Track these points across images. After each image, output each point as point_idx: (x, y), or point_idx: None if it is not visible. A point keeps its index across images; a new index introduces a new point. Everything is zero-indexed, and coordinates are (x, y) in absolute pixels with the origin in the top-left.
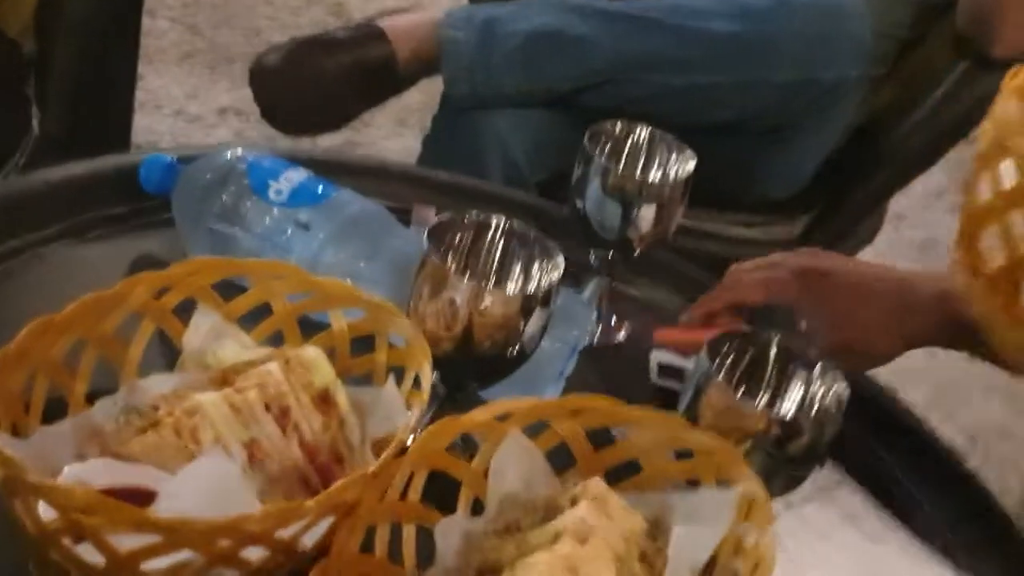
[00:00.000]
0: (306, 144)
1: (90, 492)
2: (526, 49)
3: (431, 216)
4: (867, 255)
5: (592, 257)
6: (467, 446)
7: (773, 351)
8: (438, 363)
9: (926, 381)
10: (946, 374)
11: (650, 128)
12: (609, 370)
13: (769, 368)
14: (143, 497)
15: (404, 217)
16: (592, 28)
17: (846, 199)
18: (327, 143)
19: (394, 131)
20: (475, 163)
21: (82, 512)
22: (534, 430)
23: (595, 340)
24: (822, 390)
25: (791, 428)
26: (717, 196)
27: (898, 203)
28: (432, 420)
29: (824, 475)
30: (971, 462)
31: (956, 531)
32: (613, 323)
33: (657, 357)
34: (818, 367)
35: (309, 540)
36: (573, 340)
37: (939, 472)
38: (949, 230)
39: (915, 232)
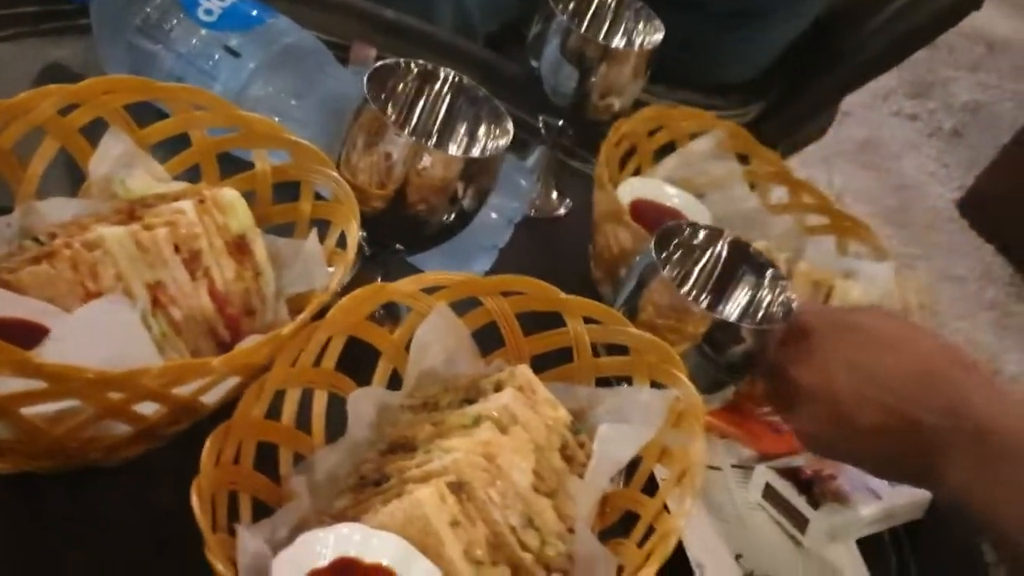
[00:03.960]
0: None
1: None
2: None
3: (371, 57)
4: (812, 150)
5: (540, 123)
6: (389, 315)
7: (724, 247)
8: (365, 221)
9: None
10: None
11: None
12: (545, 246)
13: (717, 266)
14: (31, 332)
15: (341, 55)
16: None
17: (801, 92)
18: None
19: None
20: (424, 4)
21: None
22: (463, 307)
23: (533, 212)
24: (770, 296)
25: (733, 334)
26: (671, 72)
27: (844, 101)
28: (352, 282)
29: None
30: None
31: None
32: (555, 196)
33: (764, 476)
34: (769, 271)
35: (211, 398)
36: (512, 212)
37: None
38: (892, 132)
39: (858, 130)
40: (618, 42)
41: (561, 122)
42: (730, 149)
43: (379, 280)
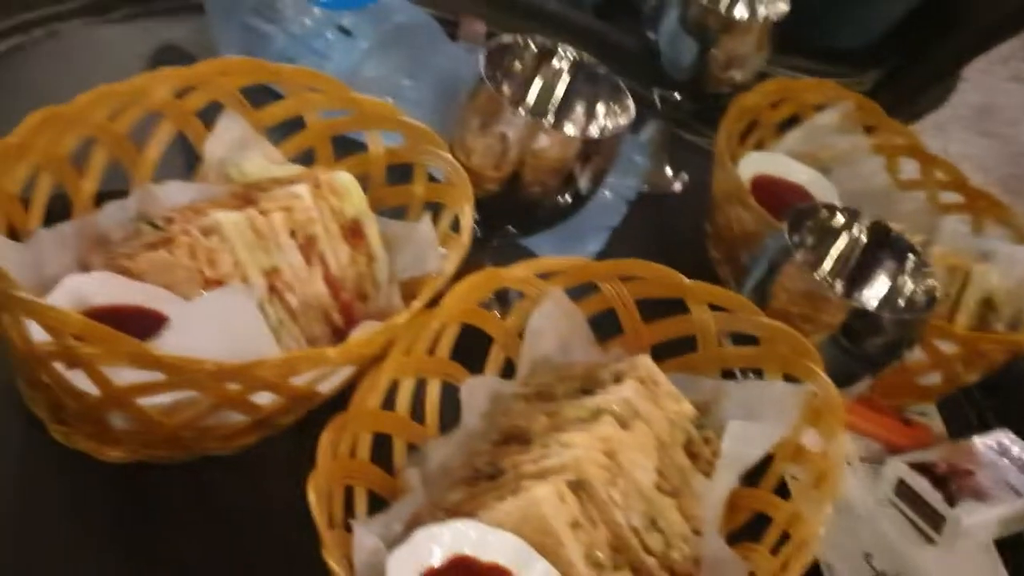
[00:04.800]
0: None
1: (86, 319)
2: None
3: (480, 32)
4: (933, 120)
5: (655, 96)
6: (497, 300)
7: (862, 230)
8: (478, 203)
9: None
10: None
11: None
12: (658, 224)
13: (855, 250)
14: (149, 320)
15: (450, 31)
16: None
17: (920, 60)
18: None
19: None
20: None
21: (77, 339)
22: (578, 292)
23: (646, 188)
24: (912, 283)
25: (873, 324)
26: (783, 38)
27: None
28: (462, 265)
29: None
30: None
31: None
32: (669, 171)
33: (897, 471)
34: (911, 257)
35: (325, 387)
36: (627, 191)
37: None
38: (1010, 98)
39: (975, 96)
40: (741, 12)
41: (678, 95)
42: (857, 122)
43: (488, 264)
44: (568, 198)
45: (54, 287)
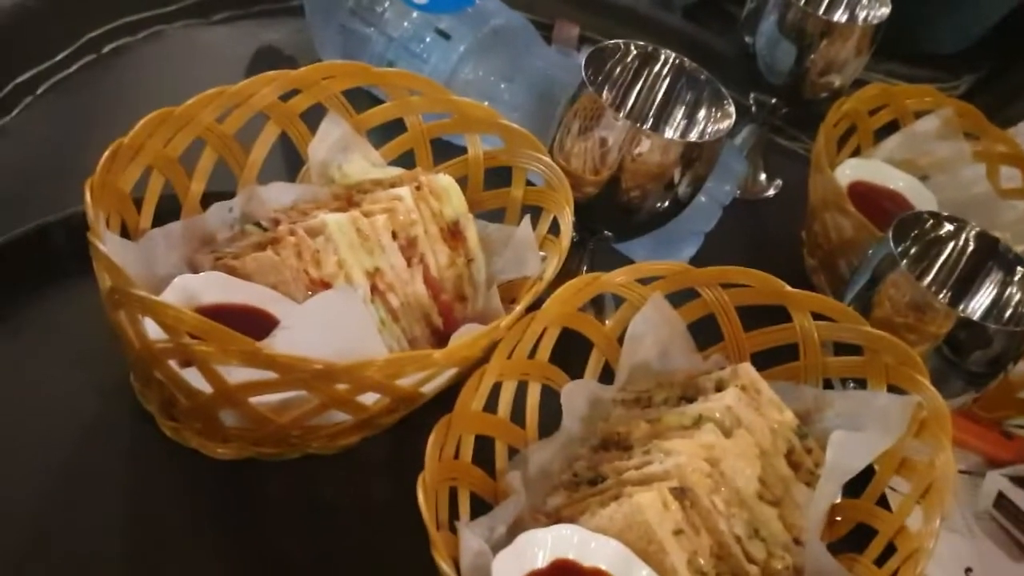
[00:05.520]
0: None
1: (202, 318)
2: None
3: (574, 34)
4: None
5: (751, 101)
6: (593, 304)
7: (971, 240)
8: (575, 206)
9: None
10: None
11: None
12: (752, 229)
13: (960, 260)
14: (256, 319)
15: (545, 34)
16: None
17: (1016, 64)
18: None
19: None
20: None
21: (192, 337)
22: (678, 298)
23: (739, 193)
24: (1019, 295)
25: (979, 335)
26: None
27: None
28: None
29: None
30: None
31: None
32: (763, 177)
33: (997, 483)
34: (1019, 268)
35: (429, 388)
36: (723, 196)
37: None
38: None
39: None
40: (841, 16)
41: (774, 100)
42: (958, 128)
43: (584, 267)
44: (666, 203)
45: (164, 286)
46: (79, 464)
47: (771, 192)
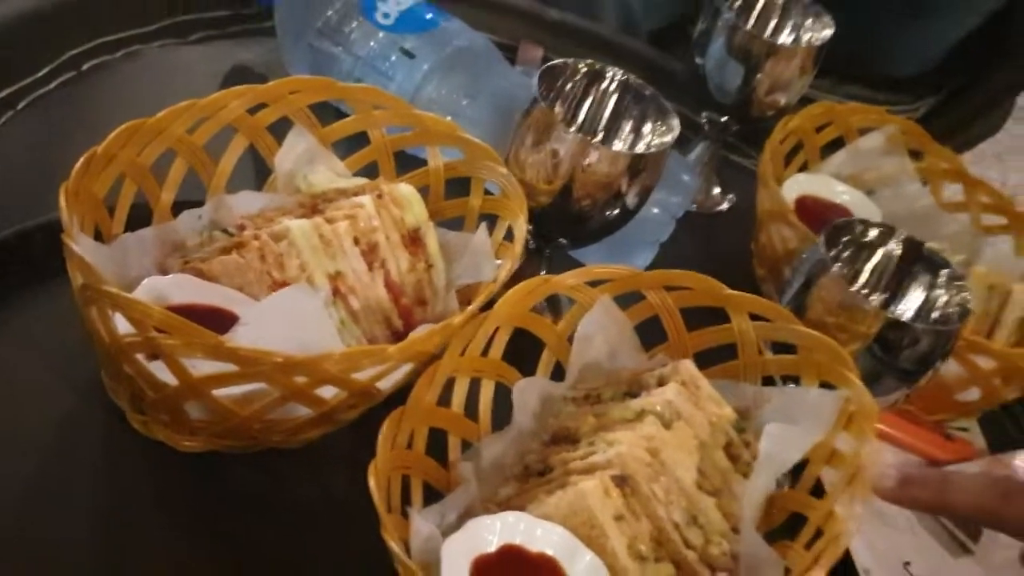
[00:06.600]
0: None
1: (168, 312)
2: None
3: (538, 56)
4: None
5: (703, 119)
6: (550, 307)
7: (896, 246)
8: (531, 215)
9: None
10: None
11: None
12: (705, 242)
13: (890, 263)
14: (221, 318)
15: (509, 55)
16: None
17: (975, 87)
18: None
19: None
20: (588, 2)
21: (159, 331)
22: (626, 300)
23: (695, 207)
24: (946, 296)
25: (907, 334)
26: (839, 66)
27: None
28: (516, 274)
29: None
30: None
31: None
32: (716, 191)
33: None
34: (945, 271)
35: (386, 384)
36: (674, 208)
37: None
38: None
39: None
40: (785, 38)
41: (724, 118)
42: (902, 145)
43: (543, 272)
44: (616, 211)
45: (136, 287)
46: (52, 455)
47: (724, 206)
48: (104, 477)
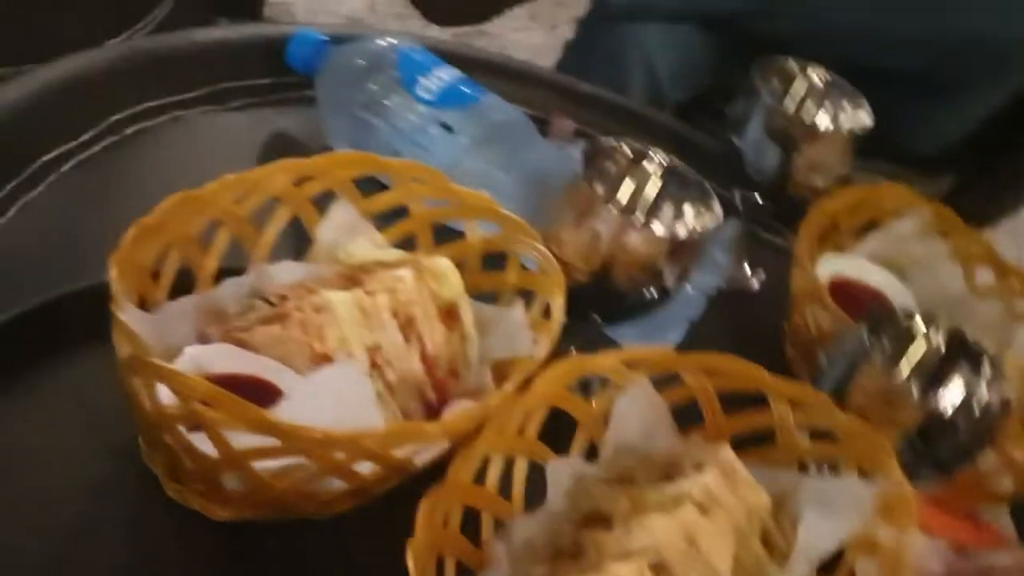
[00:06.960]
0: (434, 31)
1: (213, 386)
2: None
3: (570, 129)
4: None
5: (737, 197)
6: (580, 385)
7: (937, 332)
8: (567, 292)
9: None
10: None
11: (825, 70)
12: (736, 320)
13: (931, 354)
14: (262, 389)
15: (541, 126)
16: None
17: (998, 166)
18: (455, 29)
19: (524, 25)
20: (617, 74)
21: (203, 403)
22: (662, 381)
23: (724, 284)
24: (987, 389)
25: (947, 426)
26: (866, 142)
27: None
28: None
29: None
30: None
31: None
32: (747, 270)
33: None
34: (987, 363)
35: (421, 459)
36: (707, 286)
37: None
38: None
39: None
40: (824, 123)
41: (759, 197)
42: (935, 229)
43: (573, 349)
44: (654, 292)
45: (176, 355)
46: (85, 520)
47: (754, 285)
48: (136, 543)
